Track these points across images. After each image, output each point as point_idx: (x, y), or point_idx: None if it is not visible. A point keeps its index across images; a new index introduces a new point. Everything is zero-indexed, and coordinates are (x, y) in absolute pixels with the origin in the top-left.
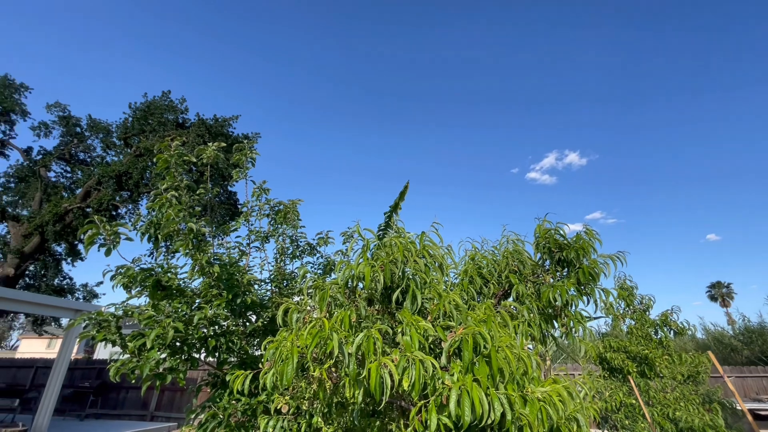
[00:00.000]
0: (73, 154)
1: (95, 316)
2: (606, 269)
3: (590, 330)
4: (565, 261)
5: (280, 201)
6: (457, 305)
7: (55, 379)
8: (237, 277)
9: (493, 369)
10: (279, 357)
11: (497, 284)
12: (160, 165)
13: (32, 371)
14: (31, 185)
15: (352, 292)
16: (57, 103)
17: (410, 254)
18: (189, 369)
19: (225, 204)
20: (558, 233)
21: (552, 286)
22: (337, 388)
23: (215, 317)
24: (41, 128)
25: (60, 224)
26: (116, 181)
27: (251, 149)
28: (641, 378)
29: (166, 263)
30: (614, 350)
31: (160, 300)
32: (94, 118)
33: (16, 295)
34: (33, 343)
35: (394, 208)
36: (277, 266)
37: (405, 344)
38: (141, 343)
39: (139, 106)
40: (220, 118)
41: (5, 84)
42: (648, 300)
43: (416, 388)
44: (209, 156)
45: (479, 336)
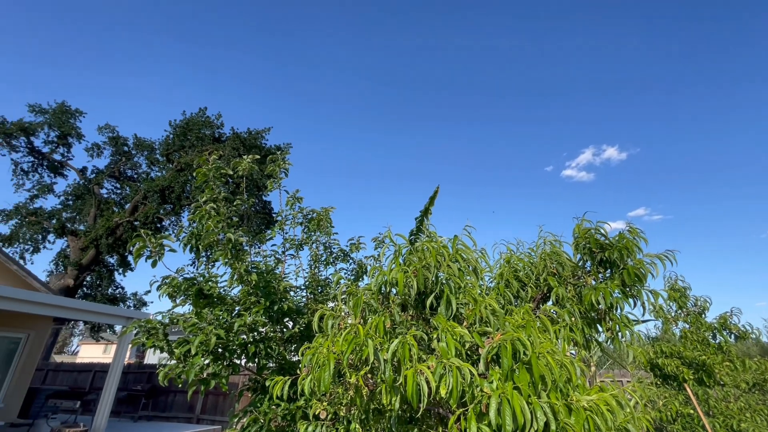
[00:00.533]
0: (122, 172)
1: (144, 323)
2: (653, 269)
3: (638, 334)
4: (607, 262)
5: (313, 209)
6: (494, 310)
7: (111, 383)
8: (274, 285)
9: (534, 376)
10: (316, 363)
11: (535, 287)
12: (199, 178)
13: (91, 375)
14: (87, 202)
15: (386, 297)
16: (107, 125)
17: (443, 259)
18: (231, 374)
19: (260, 213)
20: (599, 232)
21: (594, 288)
22: (374, 394)
23: (254, 324)
24: (94, 149)
25: (112, 237)
26: (160, 195)
27: (284, 160)
28: (699, 386)
29: (207, 272)
30: (667, 356)
31: (203, 308)
32: (140, 137)
33: (76, 305)
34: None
35: (425, 212)
36: (312, 273)
37: (441, 351)
38: (186, 349)
39: (179, 123)
40: (253, 131)
41: (63, 110)
42: (703, 302)
43: (454, 396)
44: (244, 168)
45: (518, 342)
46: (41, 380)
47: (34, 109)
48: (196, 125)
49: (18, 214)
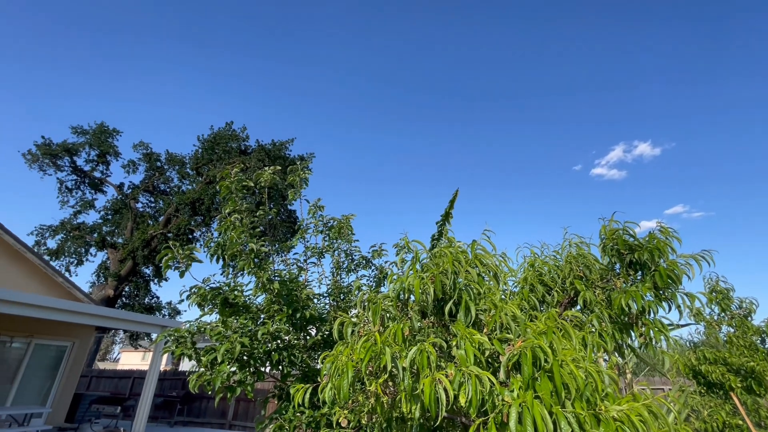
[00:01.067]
0: (155, 186)
1: (173, 332)
2: (689, 271)
3: (676, 340)
4: (637, 263)
5: (333, 217)
6: (515, 316)
7: (148, 389)
8: (296, 293)
9: (556, 384)
10: (335, 371)
11: (561, 291)
12: (222, 191)
13: (130, 381)
14: (124, 216)
15: (404, 304)
16: (141, 142)
17: (460, 264)
18: (256, 381)
19: (286, 222)
20: (627, 233)
21: (624, 291)
22: (395, 402)
23: (277, 332)
24: (130, 166)
25: (147, 249)
26: (191, 207)
27: (303, 170)
28: (748, 395)
29: (234, 281)
30: (711, 362)
31: (228, 316)
32: (171, 153)
33: (116, 314)
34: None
35: (446, 217)
36: (334, 280)
37: (460, 358)
38: (213, 357)
39: (207, 138)
40: (277, 142)
41: (102, 130)
42: (749, 303)
43: (474, 405)
44: (266, 180)
45: (538, 349)
46: (86, 386)
47: (76, 131)
48: (223, 139)
49: (63, 229)
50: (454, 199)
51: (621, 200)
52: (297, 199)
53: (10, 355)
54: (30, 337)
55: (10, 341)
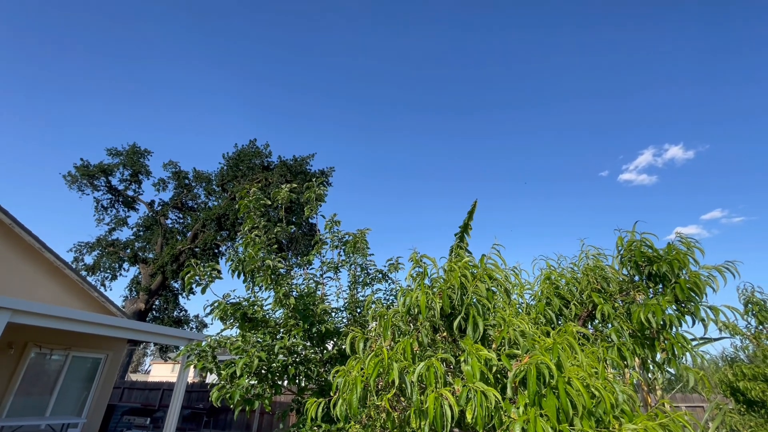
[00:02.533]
0: (183, 203)
1: (195, 346)
2: (713, 282)
3: (701, 355)
4: (657, 275)
5: (348, 232)
6: (523, 332)
7: (177, 401)
8: (311, 308)
9: (561, 402)
10: (347, 386)
11: (579, 305)
12: (241, 210)
13: (160, 393)
14: (155, 232)
15: (415, 319)
16: (171, 161)
17: (467, 280)
18: (274, 395)
19: (307, 235)
20: (644, 244)
21: (644, 304)
22: (406, 417)
23: (293, 346)
24: (160, 184)
25: (176, 264)
26: (217, 223)
27: (319, 186)
28: None
29: (253, 296)
30: (750, 379)
31: (248, 331)
32: (198, 170)
33: (146, 327)
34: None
35: (464, 228)
36: (351, 294)
37: (467, 374)
38: (232, 371)
39: (231, 156)
40: (298, 158)
41: (134, 151)
42: None
43: (479, 421)
44: (283, 197)
45: (543, 365)
46: (118, 397)
47: (111, 152)
48: (247, 156)
49: (99, 245)
50: (473, 211)
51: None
52: (314, 215)
53: (50, 367)
54: (68, 350)
55: (50, 354)
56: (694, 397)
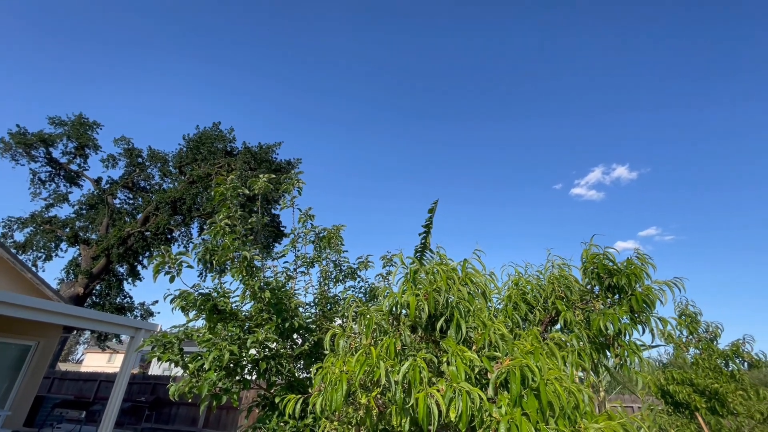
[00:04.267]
0: (135, 183)
1: (161, 338)
2: (662, 296)
3: (648, 361)
4: (615, 287)
5: (324, 227)
6: (503, 335)
7: (117, 393)
8: (285, 302)
9: (542, 403)
10: (328, 383)
11: (543, 311)
12: (216, 197)
13: (96, 384)
14: (100, 212)
15: (396, 319)
16: (123, 137)
17: (453, 283)
18: (242, 390)
19: (269, 227)
20: (607, 258)
21: (603, 313)
22: (383, 415)
23: (266, 340)
24: (109, 160)
25: (123, 247)
26: (171, 207)
27: (299, 179)
28: (712, 415)
29: (220, 288)
30: (678, 383)
31: (216, 323)
32: (154, 149)
33: (88, 314)
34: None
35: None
36: (321, 290)
37: (451, 375)
38: (200, 364)
39: (192, 137)
40: (264, 145)
41: (81, 122)
42: (715, 328)
43: (464, 420)
44: (260, 187)
45: (527, 369)
46: (47, 388)
47: (53, 122)
48: (209, 139)
49: (33, 222)
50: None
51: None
52: (291, 207)
53: None
54: None
55: None
56: (626, 397)
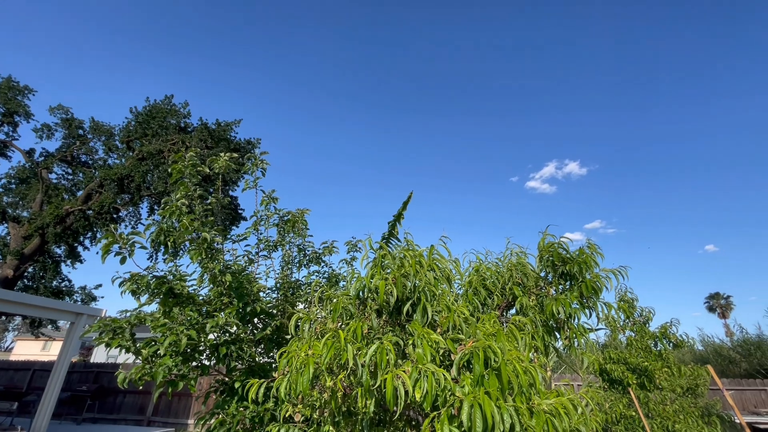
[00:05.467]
0: (75, 157)
1: (111, 323)
2: (608, 283)
3: (592, 342)
4: (567, 274)
5: (289, 210)
6: (466, 318)
7: (55, 383)
8: (246, 286)
9: (502, 382)
10: (293, 367)
11: (501, 296)
12: (174, 175)
13: (29, 374)
14: (32, 187)
15: (363, 303)
16: (60, 105)
17: (420, 268)
18: (200, 375)
19: (227, 209)
20: (561, 247)
21: (555, 299)
22: (347, 397)
23: (226, 325)
24: (44, 130)
25: (60, 226)
26: (118, 184)
27: (262, 160)
28: (641, 390)
29: (176, 271)
30: (614, 362)
31: (172, 307)
32: (97, 121)
33: (16, 297)
34: (28, 345)
35: (398, 217)
36: (284, 274)
37: (417, 356)
38: (154, 350)
39: (141, 110)
40: (222, 123)
41: (9, 86)
42: (648, 312)
43: (428, 400)
44: (221, 166)
45: (489, 350)
46: None
47: None
48: (160, 113)
49: None
50: (407, 201)
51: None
52: (254, 188)
53: None
54: None
55: None
56: (568, 376)
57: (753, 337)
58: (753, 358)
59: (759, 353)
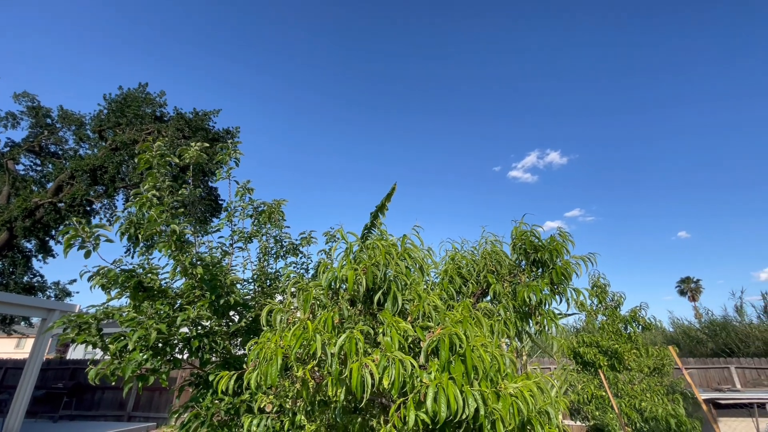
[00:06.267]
0: (43, 147)
1: (75, 318)
2: (578, 270)
3: (563, 327)
4: (539, 261)
5: (264, 201)
6: (436, 306)
7: (27, 381)
8: (220, 278)
9: (467, 367)
10: (263, 358)
11: (476, 284)
12: (141, 165)
13: (1, 373)
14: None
15: (335, 293)
16: (25, 93)
17: (391, 257)
18: (172, 369)
19: (206, 200)
20: (533, 235)
21: (527, 285)
22: (320, 386)
23: (198, 318)
24: (8, 119)
25: (30, 219)
26: (90, 176)
27: (236, 150)
28: (611, 371)
29: (147, 263)
30: (587, 345)
31: (142, 301)
32: (66, 109)
33: None
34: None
35: (380, 208)
36: (260, 266)
37: (386, 344)
38: (123, 344)
39: (115, 99)
40: (200, 112)
41: None
42: (619, 297)
43: (396, 386)
44: (192, 156)
45: (455, 336)
46: None
47: None
48: (135, 101)
49: None
50: (391, 193)
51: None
52: (227, 179)
53: None
54: None
55: None
56: (545, 360)
57: (719, 319)
58: (718, 338)
59: (724, 333)
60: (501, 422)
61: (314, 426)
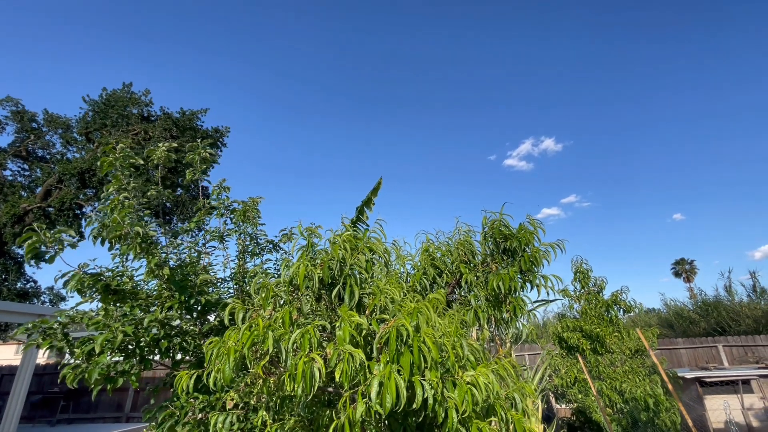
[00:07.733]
0: (30, 151)
1: (39, 323)
2: (548, 257)
3: (532, 313)
4: (509, 250)
5: (237, 200)
6: (393, 299)
7: (20, 386)
8: (191, 278)
9: (415, 357)
10: (217, 356)
11: (450, 274)
12: (104, 168)
13: None
14: None
15: (296, 289)
16: (8, 97)
17: (347, 252)
18: (144, 370)
19: (196, 199)
20: (503, 224)
21: (497, 274)
22: (281, 382)
23: (167, 319)
24: None
25: (19, 226)
26: (79, 179)
27: (206, 148)
28: (594, 355)
29: (122, 265)
30: (571, 330)
31: (110, 304)
32: (51, 113)
33: None
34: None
35: (366, 203)
36: (239, 264)
37: (338, 338)
38: (90, 348)
39: (97, 100)
40: (187, 111)
41: None
42: (601, 282)
43: (345, 379)
44: (159, 157)
45: (402, 327)
46: None
47: None
48: (119, 102)
49: None
50: (377, 188)
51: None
52: (197, 179)
53: None
54: None
55: None
56: (536, 346)
57: (711, 299)
58: (711, 318)
59: (716, 313)
60: (455, 410)
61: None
